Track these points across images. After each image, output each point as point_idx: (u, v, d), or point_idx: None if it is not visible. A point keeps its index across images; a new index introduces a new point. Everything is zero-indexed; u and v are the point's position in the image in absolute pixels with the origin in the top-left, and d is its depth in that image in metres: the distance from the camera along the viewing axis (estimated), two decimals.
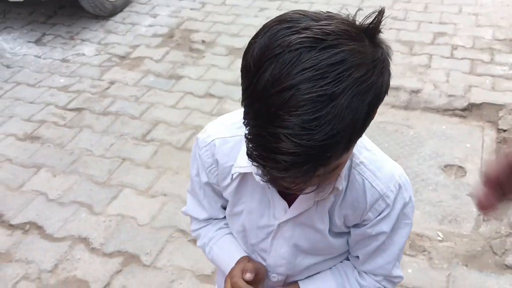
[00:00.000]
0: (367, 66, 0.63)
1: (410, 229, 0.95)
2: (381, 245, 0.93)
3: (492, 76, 3.19)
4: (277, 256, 0.97)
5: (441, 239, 2.14)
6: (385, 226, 0.90)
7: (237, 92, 3.17)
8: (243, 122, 0.68)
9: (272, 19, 0.68)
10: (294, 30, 0.63)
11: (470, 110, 2.93)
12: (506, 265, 2.01)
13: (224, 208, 1.06)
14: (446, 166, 2.54)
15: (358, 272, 1.00)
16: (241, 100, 0.69)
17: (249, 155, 0.68)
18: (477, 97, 3.00)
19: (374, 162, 0.88)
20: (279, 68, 0.61)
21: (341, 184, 0.84)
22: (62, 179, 2.61)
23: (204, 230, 1.08)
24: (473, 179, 2.44)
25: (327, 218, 0.90)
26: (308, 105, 0.60)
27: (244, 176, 0.92)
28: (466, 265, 2.03)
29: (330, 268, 1.03)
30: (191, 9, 4.35)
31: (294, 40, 0.62)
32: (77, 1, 4.04)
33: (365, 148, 0.89)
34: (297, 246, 0.95)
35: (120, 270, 2.10)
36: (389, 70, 0.68)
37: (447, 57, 3.42)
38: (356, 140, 0.69)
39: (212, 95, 3.19)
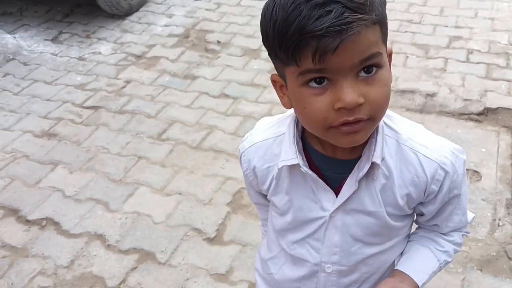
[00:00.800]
0: None
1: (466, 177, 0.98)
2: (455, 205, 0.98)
3: (508, 81, 3.18)
4: (331, 245, 0.98)
5: None
6: (456, 190, 0.93)
7: (252, 93, 3.21)
8: (279, 40, 0.75)
9: None
10: None
11: (486, 114, 2.92)
12: None
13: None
14: None
15: (443, 234, 1.03)
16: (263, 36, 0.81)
17: (298, 39, 0.72)
18: (492, 101, 2.98)
19: (421, 136, 0.91)
20: None
21: (379, 157, 0.86)
22: (78, 176, 2.64)
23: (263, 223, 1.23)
24: (488, 184, 2.44)
25: (378, 200, 0.91)
26: None
27: (283, 175, 0.95)
28: (481, 270, 2.02)
29: (410, 241, 1.05)
30: (207, 9, 4.37)
31: None
32: (93, 0, 4.08)
33: (409, 126, 0.93)
34: (351, 234, 0.96)
35: (136, 267, 2.12)
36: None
37: (463, 61, 3.41)
38: (385, 29, 0.77)
39: (227, 96, 3.20)
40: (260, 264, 1.18)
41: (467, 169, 2.52)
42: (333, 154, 0.89)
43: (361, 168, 0.87)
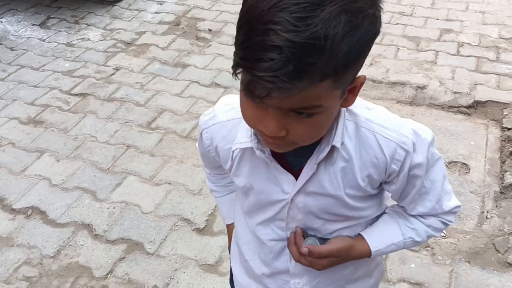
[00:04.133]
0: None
1: (442, 161, 0.95)
2: (421, 188, 0.94)
3: (498, 74, 3.19)
4: (295, 223, 0.99)
5: (444, 235, 2.15)
6: (417, 171, 0.90)
7: None
8: (235, 45, 0.70)
9: None
10: None
11: (475, 107, 2.93)
12: (508, 263, 2.02)
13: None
14: (450, 162, 2.55)
15: (414, 216, 1.01)
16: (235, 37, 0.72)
17: (236, 63, 0.70)
18: (482, 95, 3.00)
19: (379, 117, 0.90)
20: None
21: (339, 141, 0.85)
22: (65, 165, 2.60)
23: (210, 178, 1.24)
24: (477, 176, 2.45)
25: (337, 183, 0.90)
26: (300, 5, 0.64)
27: (244, 157, 0.95)
28: (469, 262, 2.04)
29: (386, 212, 1.04)
30: None
31: None
32: None
33: (367, 108, 0.91)
34: (312, 213, 0.96)
35: (124, 258, 2.10)
36: (380, 11, 0.72)
37: (453, 54, 3.42)
38: (344, 76, 0.70)
39: (218, 85, 3.18)
40: (238, 252, 1.17)
41: (455, 161, 2.54)
42: None
43: (321, 151, 0.87)
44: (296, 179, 0.91)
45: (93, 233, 2.21)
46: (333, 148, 0.86)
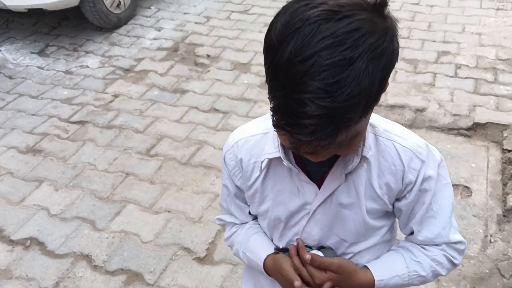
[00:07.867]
0: (379, 33, 0.69)
1: (452, 190, 0.98)
2: (429, 210, 0.95)
3: (496, 96, 3.20)
4: (308, 238, 0.99)
5: None
6: (427, 184, 0.93)
7: (242, 107, 3.18)
8: (268, 97, 0.73)
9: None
10: (311, 5, 0.69)
11: (475, 129, 2.93)
12: None
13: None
14: (451, 185, 2.53)
15: (421, 246, 1.01)
16: (266, 77, 0.74)
17: (276, 125, 0.73)
18: (481, 116, 3.00)
19: (397, 129, 0.95)
20: (301, 40, 0.67)
21: (368, 152, 0.88)
22: (64, 194, 2.58)
23: (235, 236, 1.13)
24: (479, 199, 2.43)
25: (356, 192, 0.92)
26: (329, 69, 0.66)
27: (269, 170, 0.96)
28: None
29: (392, 249, 1.05)
30: (196, 23, 4.35)
31: (313, 13, 0.68)
32: (81, 12, 4.04)
33: (384, 121, 0.96)
34: (328, 227, 0.97)
35: None
36: (398, 39, 0.75)
37: (451, 76, 3.43)
38: (373, 106, 0.75)
39: (217, 110, 3.17)
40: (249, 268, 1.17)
41: (457, 185, 2.52)
42: None
43: (348, 162, 0.88)
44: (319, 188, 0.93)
45: (92, 264, 2.18)
46: (363, 158, 0.88)
